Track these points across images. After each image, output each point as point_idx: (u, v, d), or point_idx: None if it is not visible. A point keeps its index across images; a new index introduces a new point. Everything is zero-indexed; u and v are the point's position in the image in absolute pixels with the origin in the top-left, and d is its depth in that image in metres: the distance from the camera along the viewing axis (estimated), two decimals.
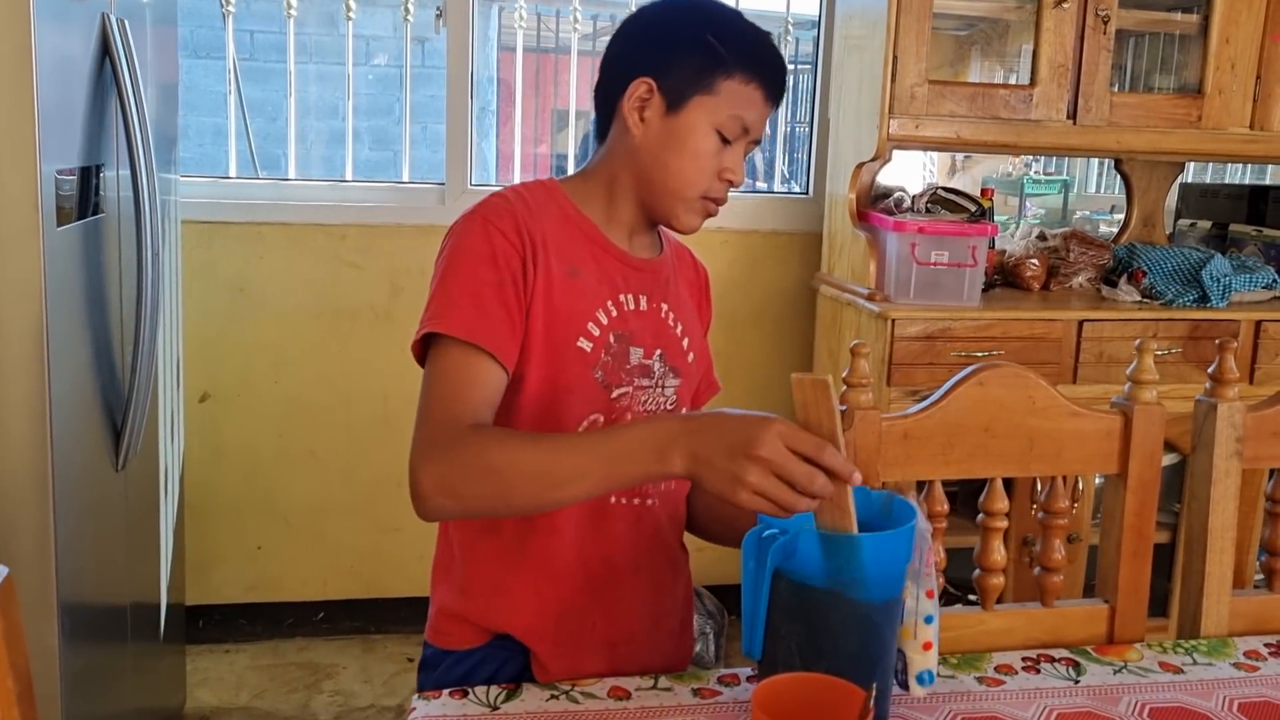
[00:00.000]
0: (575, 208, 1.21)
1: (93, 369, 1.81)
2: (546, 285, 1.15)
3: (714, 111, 1.16)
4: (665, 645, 1.30)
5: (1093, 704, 1.14)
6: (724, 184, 1.19)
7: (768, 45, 1.20)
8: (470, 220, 1.16)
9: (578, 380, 1.16)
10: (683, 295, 1.29)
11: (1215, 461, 1.30)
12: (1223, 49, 2.60)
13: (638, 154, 1.19)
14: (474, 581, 1.24)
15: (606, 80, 1.22)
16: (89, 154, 1.77)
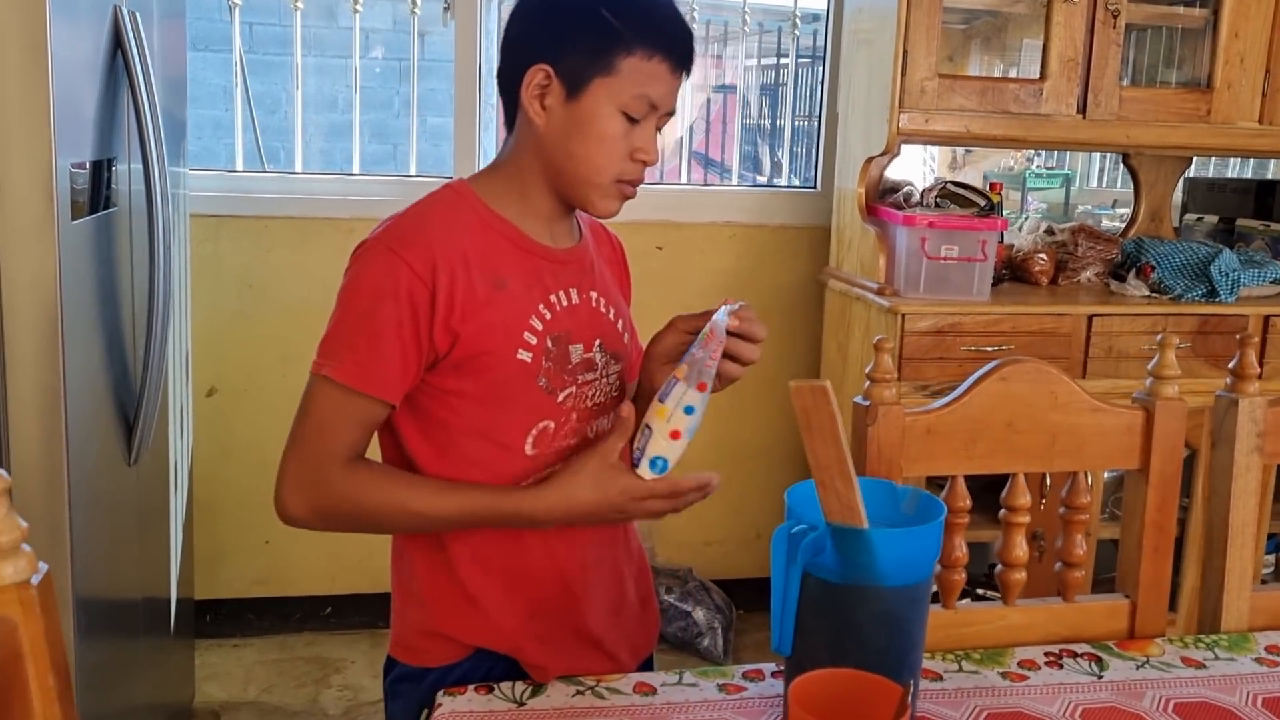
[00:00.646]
0: (491, 211, 1.17)
1: (105, 363, 1.80)
2: (472, 306, 1.12)
3: (617, 93, 1.11)
4: (631, 627, 1.30)
5: (1117, 699, 1.14)
6: (638, 164, 1.15)
7: (669, 14, 1.14)
8: (375, 250, 1.13)
9: (522, 391, 1.15)
10: (606, 276, 1.27)
11: (1236, 457, 1.30)
12: (1232, 43, 2.60)
13: (543, 144, 1.15)
14: (438, 597, 1.21)
15: (505, 66, 1.17)
16: (101, 148, 1.76)
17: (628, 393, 1.25)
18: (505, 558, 1.19)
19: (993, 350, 2.43)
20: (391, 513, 1.14)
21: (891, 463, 1.21)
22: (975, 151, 3.55)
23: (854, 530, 0.98)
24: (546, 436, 1.17)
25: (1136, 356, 2.53)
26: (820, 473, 0.98)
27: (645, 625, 1.33)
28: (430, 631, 1.21)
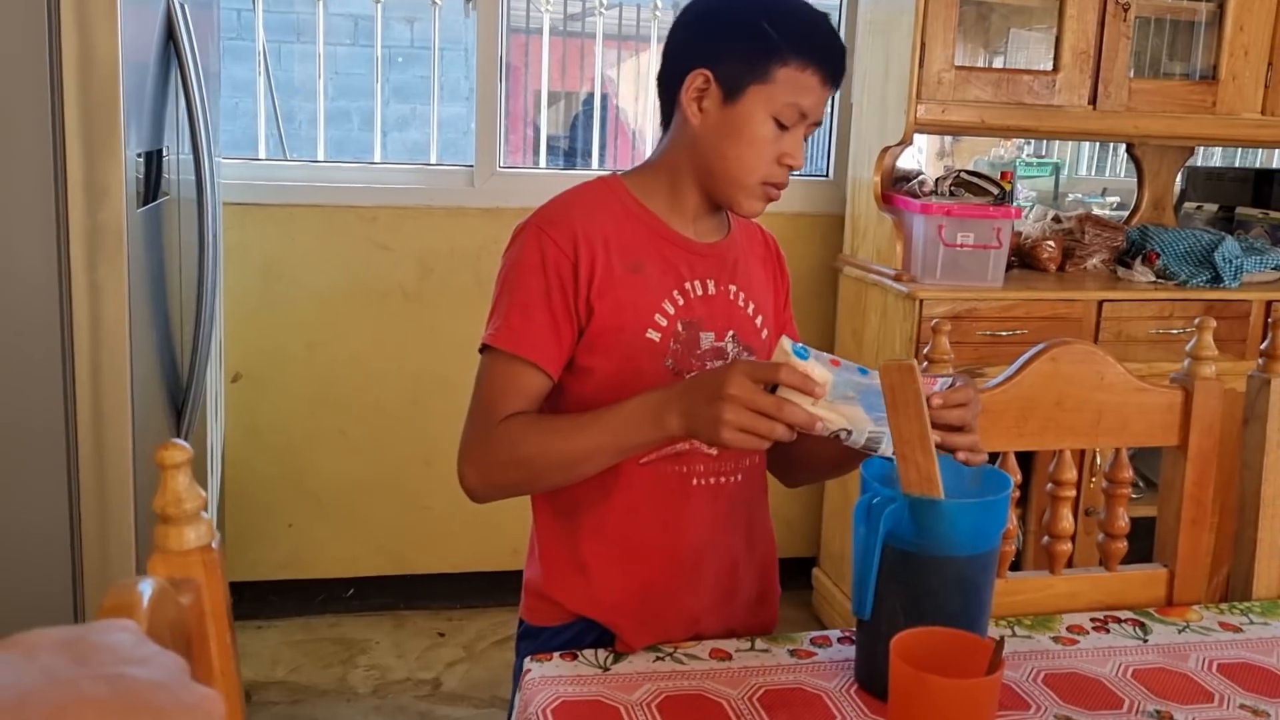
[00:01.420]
0: (637, 201, 1.25)
1: (159, 349, 1.85)
2: (609, 283, 1.20)
3: (770, 100, 1.17)
4: (739, 616, 1.32)
5: (1164, 660, 1.21)
6: (784, 169, 1.22)
7: (824, 29, 1.21)
8: (526, 228, 1.22)
9: (648, 369, 1.21)
10: (753, 273, 1.33)
11: (1269, 433, 1.37)
12: (1237, 36, 2.68)
13: (697, 143, 1.22)
14: (553, 561, 1.29)
15: (667, 70, 1.25)
16: (154, 138, 1.80)
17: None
18: (622, 530, 1.24)
19: (1007, 335, 2.51)
20: (544, 454, 1.16)
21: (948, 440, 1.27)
22: (962, 140, 3.61)
23: (931, 501, 1.04)
24: None
25: (1145, 341, 2.61)
26: (903, 446, 1.04)
27: (759, 619, 1.35)
28: (541, 594, 1.29)
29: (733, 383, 1.03)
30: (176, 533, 0.71)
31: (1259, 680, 1.17)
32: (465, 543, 3.03)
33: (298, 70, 5.49)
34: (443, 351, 2.93)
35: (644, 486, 1.24)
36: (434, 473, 2.98)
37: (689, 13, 1.26)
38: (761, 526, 1.37)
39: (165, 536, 0.71)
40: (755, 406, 1.03)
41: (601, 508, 1.25)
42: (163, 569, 0.69)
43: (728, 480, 1.28)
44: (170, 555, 0.70)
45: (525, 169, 3.19)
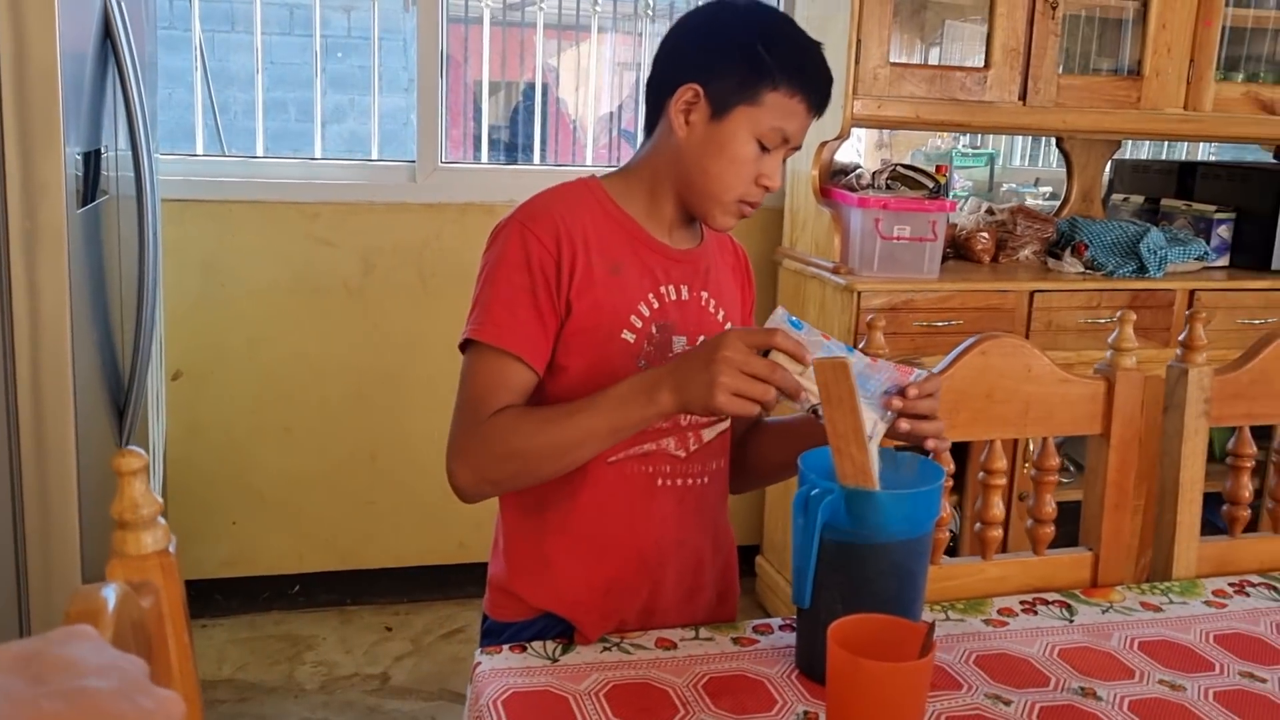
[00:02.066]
0: (616, 205, 1.28)
1: (100, 350, 1.84)
2: (588, 282, 1.22)
3: (756, 122, 1.21)
4: (701, 616, 1.34)
5: (1088, 640, 1.27)
6: (760, 189, 1.26)
7: (816, 58, 1.24)
8: (509, 226, 1.24)
9: (622, 369, 1.23)
10: (724, 280, 1.36)
11: (1186, 421, 1.44)
12: (1160, 34, 2.76)
13: (681, 155, 1.25)
14: (518, 558, 1.31)
15: (657, 79, 1.28)
16: (93, 137, 1.79)
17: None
18: (587, 527, 1.27)
19: (943, 325, 2.57)
20: (538, 443, 1.16)
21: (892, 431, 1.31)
22: (900, 132, 3.67)
23: (866, 492, 1.08)
24: None
25: (1074, 330, 2.69)
26: (838, 440, 1.08)
27: (719, 618, 1.37)
28: (506, 589, 1.31)
29: (728, 345, 1.07)
30: (134, 538, 0.72)
31: (1177, 657, 1.23)
32: (411, 537, 3.04)
33: (232, 60, 5.40)
34: (387, 347, 2.93)
35: (610, 485, 1.26)
36: (379, 468, 2.99)
37: (686, 25, 1.29)
38: (724, 529, 1.40)
39: (123, 541, 0.72)
40: (749, 369, 1.06)
41: (568, 505, 1.27)
42: (121, 573, 0.71)
43: (694, 482, 1.31)
44: (128, 560, 0.72)
45: (467, 164, 3.19)
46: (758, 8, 1.27)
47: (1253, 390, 1.48)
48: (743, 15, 1.25)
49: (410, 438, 2.95)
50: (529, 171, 3.25)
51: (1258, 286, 2.86)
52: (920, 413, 1.13)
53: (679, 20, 1.30)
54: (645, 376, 1.14)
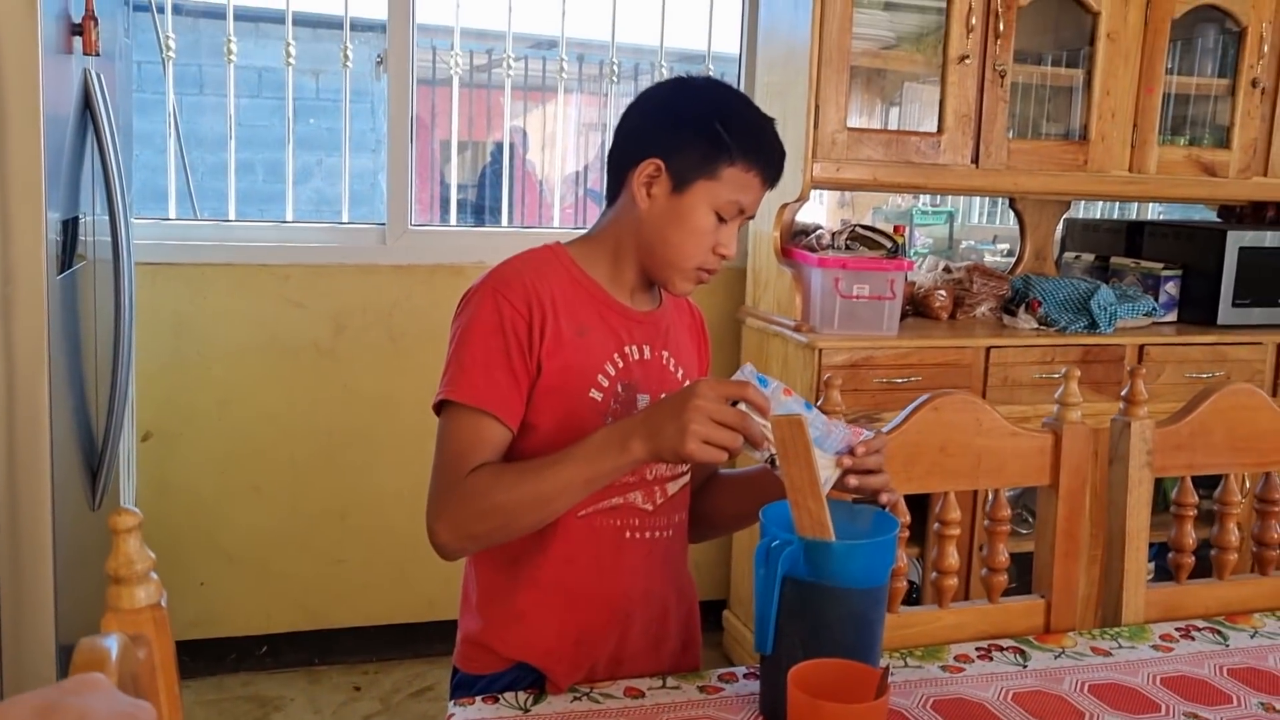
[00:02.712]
0: (581, 270, 1.34)
1: (74, 412, 1.86)
2: (557, 344, 1.28)
3: (715, 195, 1.28)
4: (666, 663, 1.39)
5: (1041, 684, 1.32)
6: (717, 258, 1.33)
7: (770, 134, 1.31)
8: (482, 290, 1.29)
9: (590, 427, 1.27)
10: (683, 341, 1.43)
11: (1130, 472, 1.50)
12: (1104, 100, 2.89)
13: (642, 225, 1.31)
14: (490, 610, 1.35)
15: (619, 151, 1.35)
16: (71, 204, 1.83)
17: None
18: (558, 579, 1.31)
19: (902, 382, 2.64)
20: (517, 497, 1.20)
21: (841, 484, 1.37)
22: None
23: (824, 543, 1.13)
24: None
25: (1029, 384, 2.77)
26: (795, 494, 1.13)
27: (683, 666, 1.41)
28: (478, 642, 1.34)
29: (700, 394, 1.12)
30: (128, 592, 0.76)
31: (1125, 699, 1.28)
32: (380, 595, 3.05)
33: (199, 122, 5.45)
34: (357, 407, 2.96)
35: (581, 538, 1.31)
36: (348, 526, 3.00)
37: (649, 101, 1.35)
38: (687, 580, 1.46)
39: (118, 596, 0.76)
40: (719, 418, 1.11)
41: (539, 558, 1.31)
42: (116, 627, 0.74)
43: (660, 535, 1.36)
44: (123, 614, 0.75)
45: (437, 227, 3.25)
46: (716, 86, 1.35)
47: (1193, 442, 1.55)
48: (702, 93, 1.33)
49: (380, 496, 2.98)
50: (497, 234, 3.31)
51: (1204, 341, 2.96)
52: (867, 468, 1.19)
53: (641, 95, 1.37)
54: (617, 427, 1.19)
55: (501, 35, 3.15)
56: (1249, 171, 3.07)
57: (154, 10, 2.88)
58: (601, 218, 1.38)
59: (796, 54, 2.71)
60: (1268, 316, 3.08)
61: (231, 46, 2.97)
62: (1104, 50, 2.86)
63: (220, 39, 2.97)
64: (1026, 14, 2.79)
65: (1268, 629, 1.50)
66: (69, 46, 1.75)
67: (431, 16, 3.10)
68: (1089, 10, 2.85)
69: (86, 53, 1.79)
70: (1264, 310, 3.08)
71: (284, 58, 3.03)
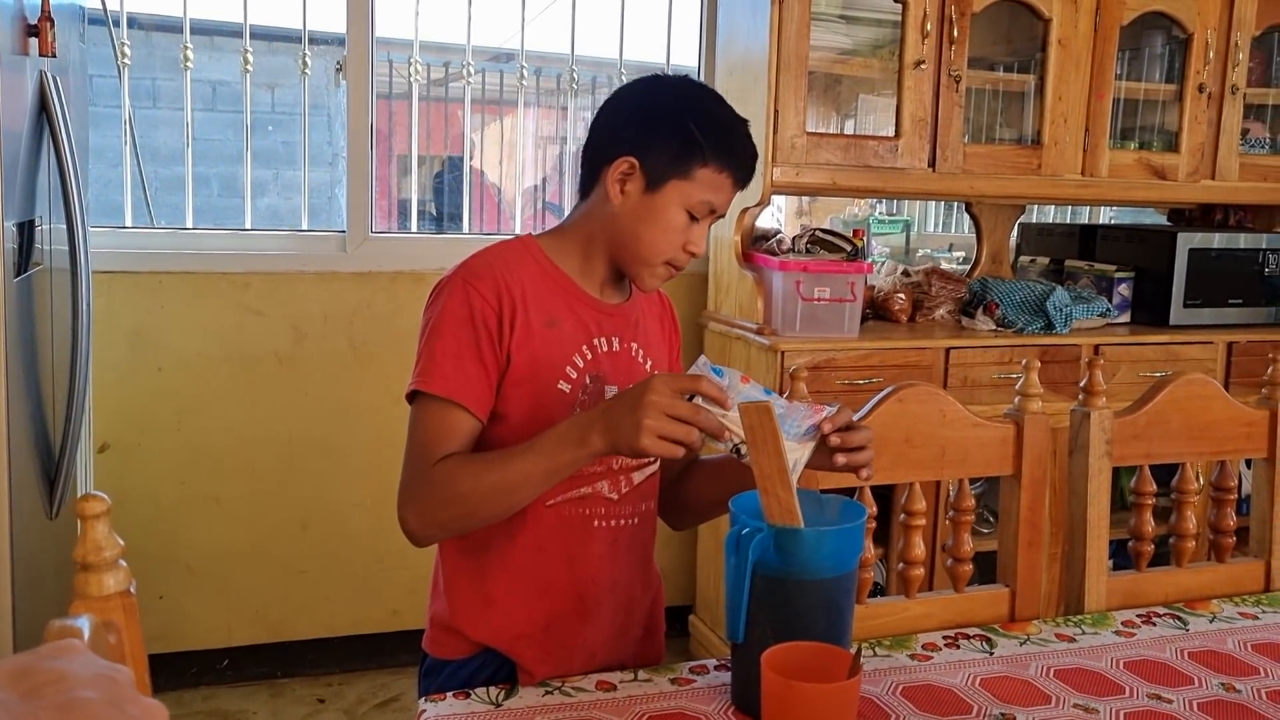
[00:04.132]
0: (551, 262, 1.35)
1: (32, 422, 1.83)
2: (526, 336, 1.29)
3: (687, 195, 1.29)
4: (631, 650, 1.42)
5: (1008, 670, 1.33)
6: (687, 255, 1.34)
7: (743, 135, 1.32)
8: (453, 282, 1.29)
9: (558, 417, 1.29)
10: (652, 330, 1.44)
11: (1090, 461, 1.53)
12: (1056, 105, 2.94)
13: (615, 221, 1.32)
14: (459, 596, 1.35)
15: (593, 145, 1.35)
16: (26, 208, 1.81)
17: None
18: (528, 567, 1.31)
19: (864, 383, 2.67)
20: (480, 487, 1.22)
21: (809, 476, 1.38)
22: (820, 199, 3.82)
23: (793, 530, 1.14)
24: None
25: (988, 384, 2.81)
26: (764, 481, 1.14)
27: (649, 652, 1.44)
28: (447, 626, 1.34)
29: (653, 389, 1.13)
30: (96, 579, 0.75)
31: (1090, 683, 1.30)
32: (343, 606, 3.02)
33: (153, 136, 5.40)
34: (318, 415, 2.94)
35: (549, 526, 1.32)
36: (310, 536, 2.97)
37: (624, 99, 1.36)
38: (653, 569, 1.47)
39: (86, 583, 0.75)
40: (673, 412, 1.13)
41: (508, 545, 1.32)
42: (83, 613, 0.73)
43: (626, 523, 1.38)
44: (91, 600, 0.74)
45: (398, 234, 3.24)
46: (690, 86, 1.35)
47: (1150, 432, 1.58)
48: (678, 93, 1.33)
49: (342, 506, 2.95)
50: (458, 240, 3.30)
51: (1157, 341, 3.02)
52: (855, 444, 1.20)
53: (617, 92, 1.38)
54: (577, 420, 1.20)
55: (457, 48, 3.15)
56: (1197, 175, 3.13)
57: (109, 21, 2.85)
58: (574, 210, 1.39)
59: (755, 60, 2.74)
60: (1217, 316, 3.15)
61: (188, 55, 2.94)
62: (1055, 56, 2.92)
63: (173, 52, 2.95)
64: (980, 21, 2.83)
65: (1225, 614, 1.53)
66: (25, 47, 1.73)
67: (388, 29, 3.10)
68: (1040, 17, 2.90)
69: (43, 54, 1.77)
70: (1213, 310, 3.15)
71: (240, 69, 3.01)
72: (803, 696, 0.94)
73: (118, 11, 2.87)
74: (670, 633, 3.19)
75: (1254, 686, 1.30)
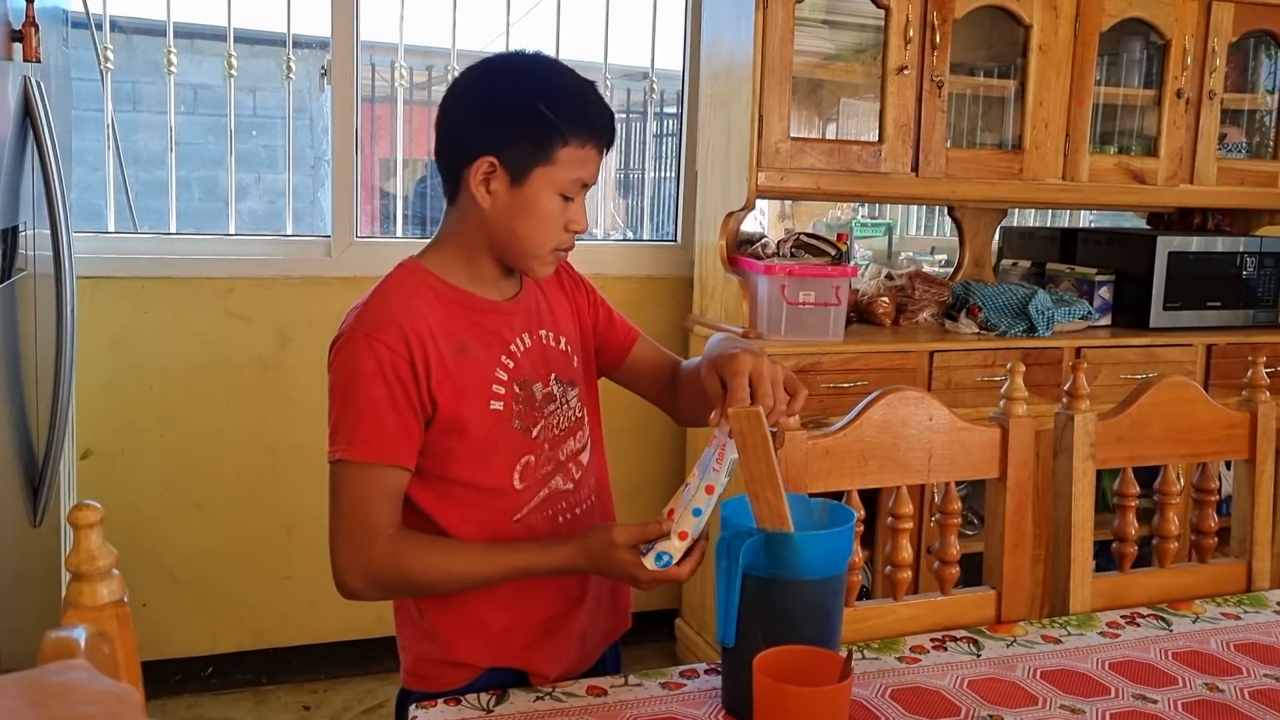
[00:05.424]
0: (444, 283, 1.30)
1: (15, 429, 1.82)
2: (444, 372, 1.25)
3: (555, 179, 1.25)
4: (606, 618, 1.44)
5: (995, 672, 1.34)
6: (570, 235, 1.30)
7: (595, 101, 1.27)
8: (353, 338, 1.24)
9: (501, 436, 1.30)
10: (556, 308, 1.41)
11: (1075, 463, 1.54)
12: (1037, 110, 2.96)
13: (489, 222, 1.28)
14: (452, 627, 1.33)
15: (447, 150, 1.29)
16: (9, 214, 1.80)
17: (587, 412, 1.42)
18: (513, 582, 1.30)
19: (849, 386, 2.68)
20: (437, 579, 1.27)
21: (797, 481, 1.39)
22: (802, 204, 3.83)
23: (783, 534, 1.15)
24: (530, 469, 1.32)
25: (972, 387, 2.83)
26: (754, 486, 1.14)
27: (616, 610, 1.46)
28: (443, 660, 1.32)
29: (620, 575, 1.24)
30: (90, 588, 0.75)
31: (1076, 684, 1.31)
32: (329, 612, 3.01)
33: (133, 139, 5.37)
34: (303, 420, 2.93)
35: (522, 539, 1.32)
36: (295, 542, 2.96)
37: (464, 97, 1.29)
38: None
39: (79, 593, 0.75)
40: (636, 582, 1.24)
41: None
42: (77, 623, 0.73)
43: (585, 508, 1.40)
44: (85, 610, 0.74)
45: (383, 239, 3.24)
46: (528, 64, 1.30)
47: (1133, 434, 1.59)
48: (517, 77, 1.28)
49: (326, 512, 2.93)
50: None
51: (1138, 343, 3.05)
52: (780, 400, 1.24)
53: (452, 88, 1.31)
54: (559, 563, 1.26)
55: (439, 51, 3.15)
56: (1176, 179, 3.16)
57: (91, 24, 2.84)
58: (445, 219, 1.34)
59: (739, 66, 2.75)
60: (1196, 319, 3.18)
61: (172, 60, 2.93)
62: (1036, 62, 2.94)
63: (154, 55, 2.94)
64: (962, 27, 2.85)
65: (1208, 614, 1.54)
66: (9, 53, 1.72)
67: (371, 33, 3.09)
68: (1021, 23, 2.92)
69: (27, 59, 1.76)
70: (1192, 313, 3.18)
71: (223, 72, 3.01)
72: (795, 700, 0.95)
73: (99, 15, 2.86)
74: (656, 636, 3.21)
75: (1237, 686, 1.32)
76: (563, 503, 1.36)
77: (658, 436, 3.15)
